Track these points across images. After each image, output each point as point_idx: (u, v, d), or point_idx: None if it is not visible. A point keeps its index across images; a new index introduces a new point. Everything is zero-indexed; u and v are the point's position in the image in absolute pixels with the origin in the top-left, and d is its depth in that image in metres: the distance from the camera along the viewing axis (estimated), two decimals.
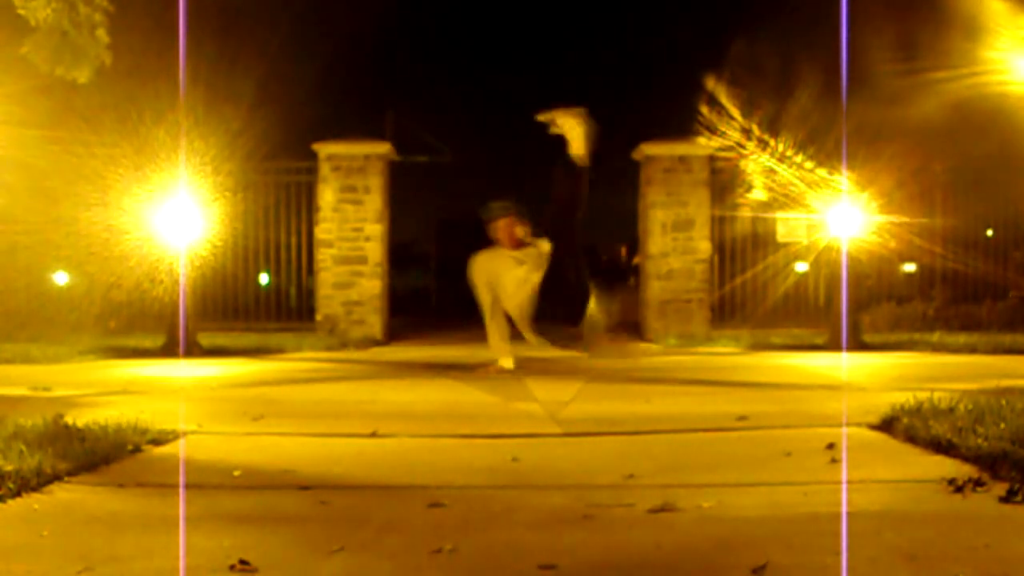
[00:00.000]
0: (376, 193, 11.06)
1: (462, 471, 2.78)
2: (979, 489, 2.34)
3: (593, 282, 5.44)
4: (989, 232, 11.94)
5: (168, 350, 8.13)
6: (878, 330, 9.70)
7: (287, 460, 2.92)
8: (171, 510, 2.29)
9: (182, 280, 8.01)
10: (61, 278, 11.45)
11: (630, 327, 11.52)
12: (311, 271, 11.30)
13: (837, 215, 8.27)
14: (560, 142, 5.38)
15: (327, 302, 11.01)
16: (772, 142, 8.38)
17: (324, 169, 11.09)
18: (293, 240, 11.43)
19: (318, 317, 11.02)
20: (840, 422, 3.49)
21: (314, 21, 9.67)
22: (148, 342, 8.64)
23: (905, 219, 8.68)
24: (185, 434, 3.37)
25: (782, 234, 10.64)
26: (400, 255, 15.10)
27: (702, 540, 1.97)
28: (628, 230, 13.90)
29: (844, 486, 2.44)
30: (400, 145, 11.90)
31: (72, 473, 2.60)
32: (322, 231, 11.05)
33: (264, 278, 12.36)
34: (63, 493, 2.44)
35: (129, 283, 8.29)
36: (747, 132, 8.48)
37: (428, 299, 27.17)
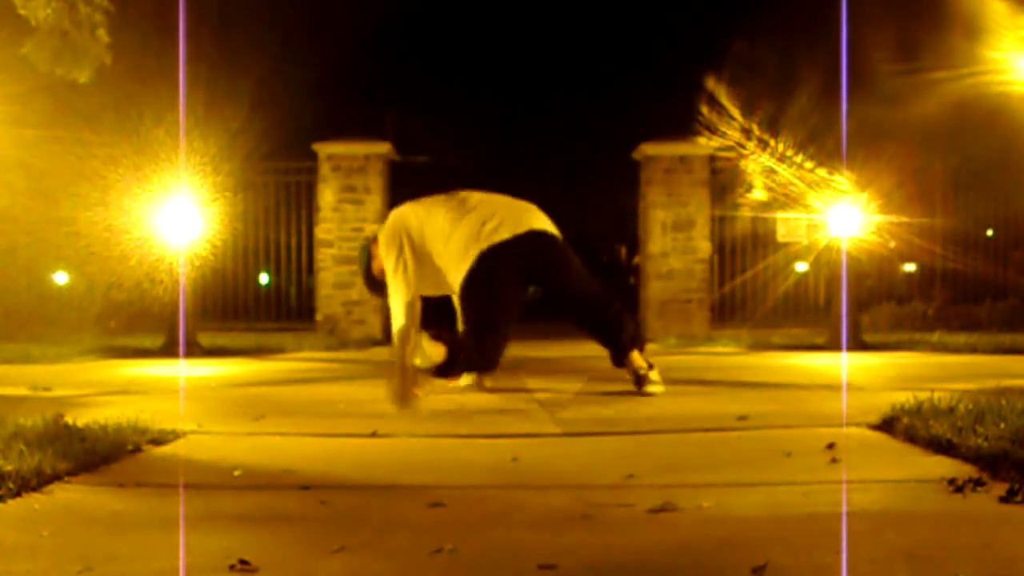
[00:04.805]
0: (376, 193, 11.07)
1: (462, 471, 2.78)
2: (979, 489, 2.34)
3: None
4: (989, 232, 11.94)
5: (168, 350, 8.13)
6: (878, 330, 9.70)
7: (287, 460, 2.91)
8: (171, 510, 2.29)
9: (182, 280, 8.01)
10: (61, 278, 11.46)
11: None
12: (311, 271, 11.31)
13: (837, 215, 8.27)
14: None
15: (327, 302, 11.02)
16: (772, 142, 8.38)
17: (324, 169, 11.10)
18: (293, 240, 11.45)
19: (318, 317, 11.03)
20: (840, 422, 3.49)
21: (314, 21, 9.68)
22: (148, 342, 8.64)
23: (905, 219, 8.68)
24: (185, 434, 3.37)
25: (782, 234, 10.64)
26: None
27: (702, 540, 1.97)
28: (628, 230, 13.91)
29: (844, 486, 2.44)
30: (400, 145, 11.90)
31: (72, 473, 2.60)
32: (322, 231, 11.06)
33: (264, 278, 12.37)
34: (63, 493, 2.44)
35: (129, 283, 8.30)
36: (747, 132, 8.49)
37: (427, 298, 27.09)
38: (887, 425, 3.27)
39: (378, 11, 12.65)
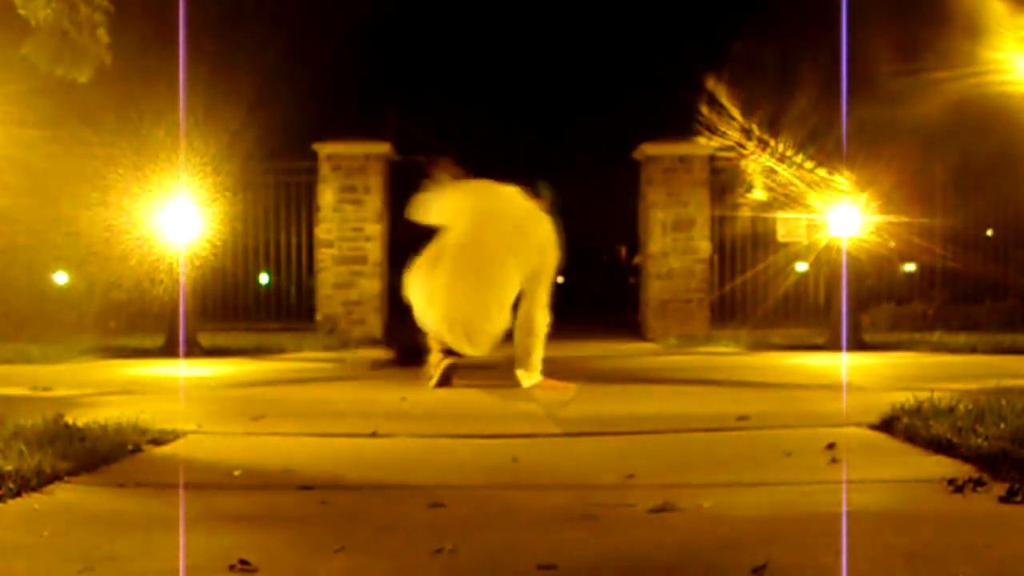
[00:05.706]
0: (376, 193, 11.06)
1: (462, 471, 2.78)
2: (979, 489, 2.34)
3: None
4: (989, 232, 11.93)
5: (168, 350, 8.12)
6: (878, 330, 9.69)
7: (287, 460, 2.92)
8: (171, 510, 2.29)
9: (182, 280, 8.01)
10: (61, 278, 11.44)
11: (630, 326, 11.54)
12: (311, 271, 11.30)
13: (837, 215, 8.27)
14: None
15: (327, 302, 11.01)
16: (772, 142, 8.38)
17: (324, 169, 11.09)
18: (293, 240, 11.43)
19: (318, 317, 11.02)
20: (840, 422, 3.50)
21: (314, 21, 9.67)
22: (148, 342, 8.64)
23: (905, 219, 8.68)
24: (185, 434, 3.37)
25: (782, 234, 10.63)
26: (400, 255, 15.07)
27: (702, 540, 1.97)
28: (628, 230, 13.90)
29: (844, 486, 2.44)
30: (400, 145, 11.89)
31: (72, 473, 2.60)
32: (322, 231, 11.05)
33: (264, 278, 12.36)
34: (63, 493, 2.44)
35: (129, 283, 8.28)
36: (747, 132, 8.48)
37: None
38: (887, 425, 3.27)
39: (378, 11, 12.64)
